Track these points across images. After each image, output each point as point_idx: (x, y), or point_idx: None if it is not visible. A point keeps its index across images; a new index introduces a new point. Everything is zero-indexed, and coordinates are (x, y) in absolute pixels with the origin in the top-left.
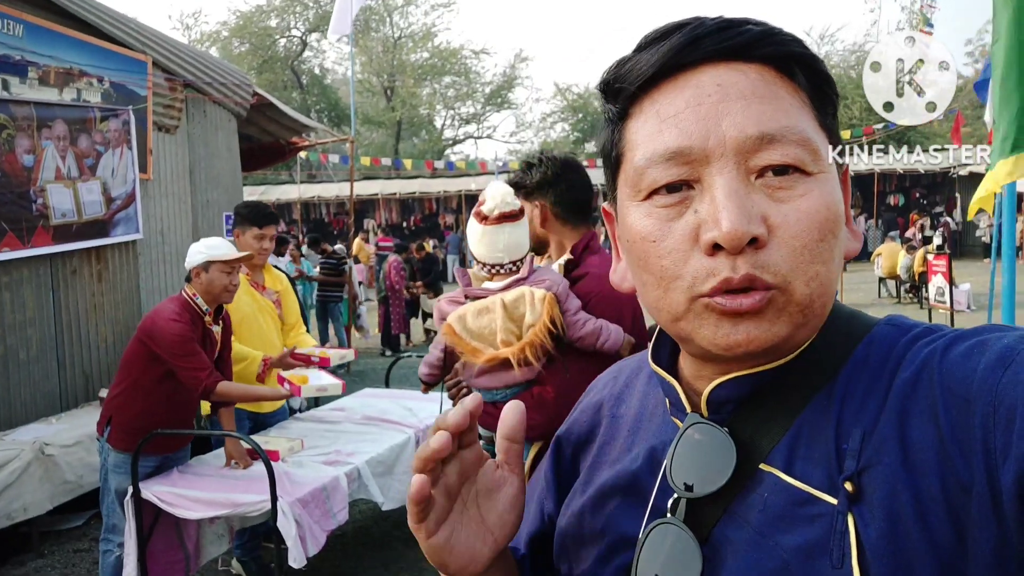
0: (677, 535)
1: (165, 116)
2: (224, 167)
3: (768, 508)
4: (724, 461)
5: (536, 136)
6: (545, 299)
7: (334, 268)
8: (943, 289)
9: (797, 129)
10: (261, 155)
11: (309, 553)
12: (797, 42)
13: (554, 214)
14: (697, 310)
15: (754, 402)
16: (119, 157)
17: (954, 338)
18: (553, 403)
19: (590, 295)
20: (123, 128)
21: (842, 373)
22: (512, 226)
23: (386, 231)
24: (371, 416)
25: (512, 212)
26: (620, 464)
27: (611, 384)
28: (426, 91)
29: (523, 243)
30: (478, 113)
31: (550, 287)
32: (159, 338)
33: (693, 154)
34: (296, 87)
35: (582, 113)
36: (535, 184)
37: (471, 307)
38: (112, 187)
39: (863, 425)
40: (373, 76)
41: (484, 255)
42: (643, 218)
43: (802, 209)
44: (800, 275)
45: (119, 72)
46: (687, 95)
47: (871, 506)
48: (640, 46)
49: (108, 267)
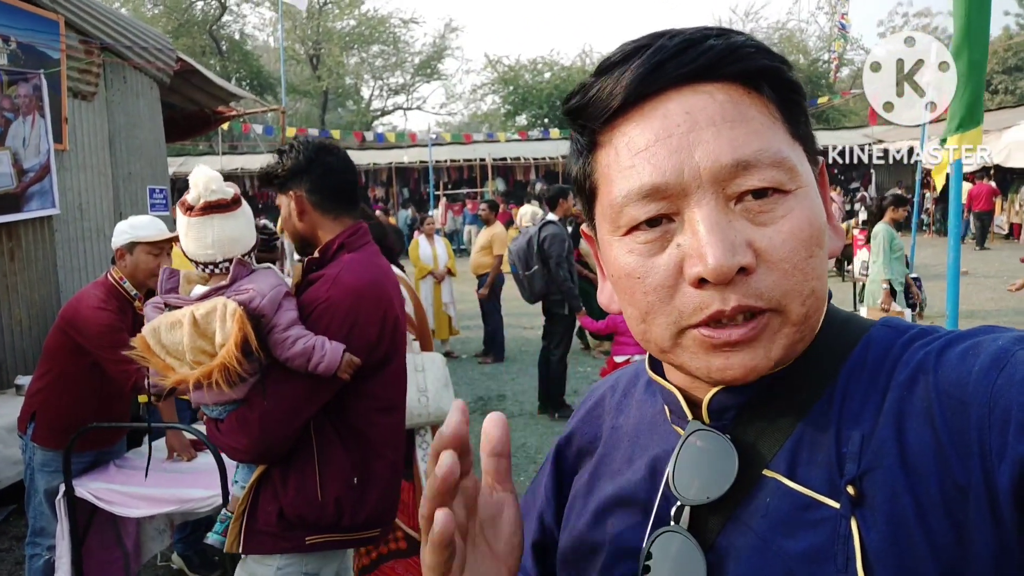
0: (681, 543)
1: (81, 82)
2: (147, 137)
3: (771, 514)
4: (727, 468)
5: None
6: (235, 315)
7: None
8: (867, 263)
9: (771, 150)
10: (185, 125)
11: None
12: (762, 53)
13: (312, 204)
14: (685, 343)
15: (755, 408)
16: (31, 126)
17: (949, 340)
18: (257, 425)
19: (315, 303)
20: (34, 94)
21: (841, 376)
22: (223, 218)
23: None
24: None
25: (221, 201)
26: (622, 476)
27: (609, 393)
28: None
29: (239, 238)
30: (407, 84)
31: (251, 298)
32: (83, 329)
33: (669, 189)
34: (215, 53)
35: (513, 86)
36: (287, 172)
37: (164, 319)
38: (24, 158)
39: (862, 428)
40: (297, 43)
41: (193, 252)
42: (625, 254)
43: (786, 230)
44: (795, 296)
45: (27, 32)
46: (656, 127)
47: (873, 510)
48: (601, 69)
49: (21, 244)
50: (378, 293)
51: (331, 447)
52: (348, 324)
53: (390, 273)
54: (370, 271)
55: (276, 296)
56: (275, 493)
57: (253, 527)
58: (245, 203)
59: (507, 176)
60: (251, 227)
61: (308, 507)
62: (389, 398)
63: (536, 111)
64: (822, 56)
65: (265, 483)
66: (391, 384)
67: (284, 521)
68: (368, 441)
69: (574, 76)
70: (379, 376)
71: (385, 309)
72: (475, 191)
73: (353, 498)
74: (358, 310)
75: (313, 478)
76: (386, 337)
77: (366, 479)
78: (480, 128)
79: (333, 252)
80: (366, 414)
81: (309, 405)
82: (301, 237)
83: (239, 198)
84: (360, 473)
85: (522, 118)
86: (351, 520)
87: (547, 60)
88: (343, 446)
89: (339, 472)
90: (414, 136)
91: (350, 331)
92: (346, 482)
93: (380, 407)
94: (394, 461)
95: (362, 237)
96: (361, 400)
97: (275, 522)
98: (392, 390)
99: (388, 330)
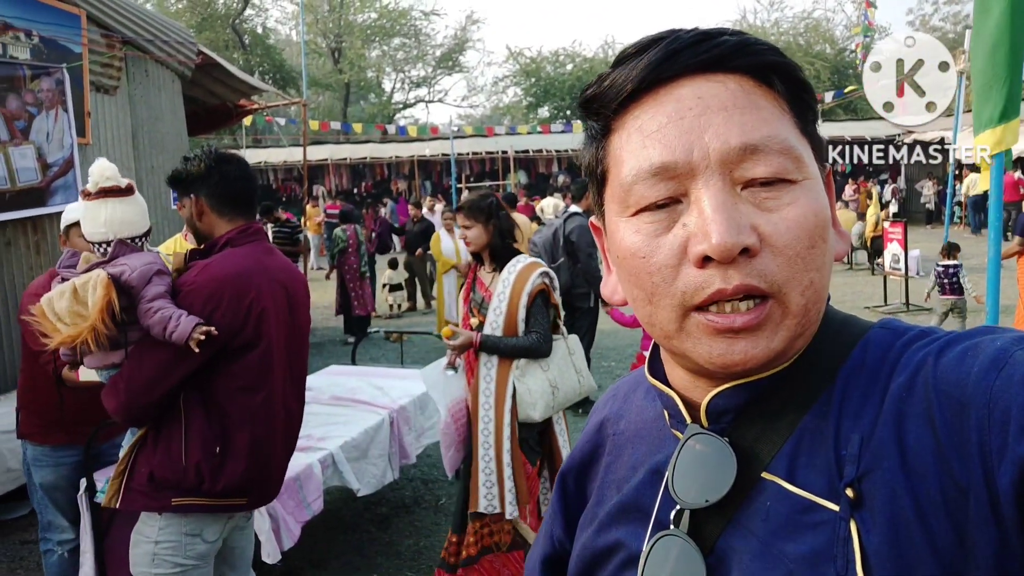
0: (681, 547)
1: (103, 76)
2: (169, 130)
3: (771, 517)
4: (726, 471)
5: (488, 100)
6: (103, 282)
7: (288, 237)
8: (899, 256)
9: (779, 138)
10: (207, 118)
11: (284, 547)
12: (773, 51)
13: (210, 207)
14: (689, 328)
15: (754, 410)
16: (54, 120)
17: (948, 341)
18: (124, 389)
19: (183, 286)
20: (57, 88)
21: (839, 378)
22: (116, 201)
23: (336, 198)
24: (340, 396)
25: (114, 187)
26: (627, 483)
27: (610, 402)
28: (375, 53)
29: (129, 220)
30: (428, 76)
31: (122, 271)
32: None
33: (678, 168)
34: (238, 47)
35: (535, 78)
36: (190, 179)
37: (56, 290)
38: (48, 152)
39: (861, 430)
40: (319, 37)
41: (89, 232)
42: (632, 234)
43: (790, 218)
44: (795, 284)
45: (50, 26)
46: (668, 109)
47: (872, 512)
48: (618, 61)
49: (47, 238)
50: (243, 284)
51: (196, 418)
52: (209, 307)
53: (275, 270)
54: (243, 264)
55: (147, 272)
56: (148, 456)
57: (129, 485)
58: (139, 195)
59: (529, 169)
60: (143, 216)
61: (172, 470)
62: (251, 380)
63: (558, 103)
64: (849, 45)
65: (142, 446)
66: (253, 368)
67: (153, 482)
68: (229, 416)
69: (596, 67)
70: (241, 359)
71: (251, 299)
72: (497, 184)
73: (213, 465)
74: (220, 296)
75: (179, 444)
76: (249, 325)
77: (226, 450)
78: (502, 120)
79: (220, 247)
80: (229, 392)
81: (169, 376)
82: (201, 236)
83: (132, 188)
84: (221, 444)
85: (544, 110)
86: (211, 485)
87: (569, 52)
88: (207, 418)
89: (202, 442)
90: (435, 129)
91: (211, 314)
92: (207, 451)
93: (241, 386)
94: (258, 437)
95: (250, 236)
96: (224, 379)
97: (146, 482)
98: (254, 373)
99: (252, 319)
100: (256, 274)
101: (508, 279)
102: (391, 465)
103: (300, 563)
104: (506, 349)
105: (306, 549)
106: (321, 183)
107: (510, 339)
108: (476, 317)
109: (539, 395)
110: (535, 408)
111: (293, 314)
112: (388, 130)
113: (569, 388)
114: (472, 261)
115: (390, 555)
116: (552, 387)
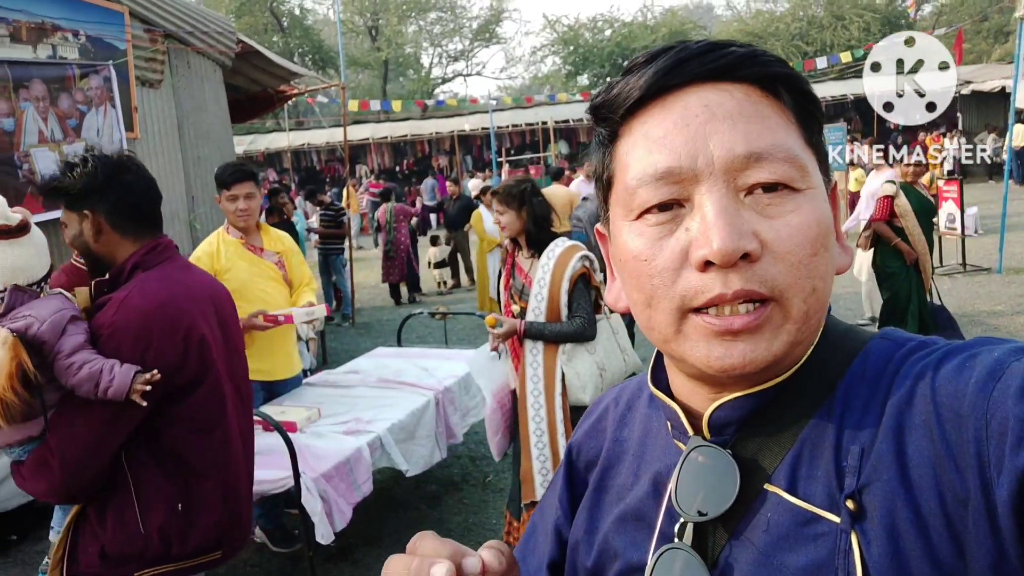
0: (686, 560)
1: (148, 70)
2: (213, 120)
3: (772, 529)
4: (728, 483)
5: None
6: (7, 343)
7: (333, 219)
8: (954, 216)
9: (784, 147)
10: (249, 106)
11: (336, 528)
12: (781, 63)
13: (111, 225)
14: (687, 331)
15: (755, 422)
16: (103, 116)
17: (947, 352)
18: (57, 464)
19: (101, 329)
20: (105, 85)
21: (840, 388)
22: (6, 244)
23: (379, 176)
24: (386, 378)
25: (2, 227)
26: (629, 492)
27: (613, 406)
28: (411, 28)
29: (22, 266)
30: (466, 50)
31: (28, 325)
32: None
33: (683, 174)
34: (277, 30)
35: (573, 46)
36: (80, 191)
37: None
38: (99, 148)
39: (861, 442)
40: (356, 15)
41: None
42: (635, 237)
43: (793, 224)
44: (798, 290)
45: (95, 25)
46: (675, 116)
47: (873, 524)
48: (628, 69)
49: None
50: (173, 313)
51: (148, 476)
52: (140, 348)
53: (198, 288)
54: (166, 289)
55: (59, 321)
56: (94, 532)
57: (76, 571)
58: (36, 230)
59: (570, 139)
60: (41, 256)
61: (130, 542)
62: (205, 419)
63: (598, 70)
64: None
65: (82, 523)
66: (205, 405)
67: (108, 560)
68: (188, 465)
69: (635, 32)
70: (191, 398)
71: (187, 329)
72: (537, 156)
73: (180, 525)
74: (150, 332)
75: (132, 510)
76: (191, 357)
77: (191, 504)
78: (541, 90)
79: (127, 273)
80: (183, 437)
81: (111, 436)
82: (97, 258)
83: (26, 225)
84: (184, 499)
85: (583, 78)
86: (180, 548)
87: (607, 17)
88: (163, 473)
89: (160, 501)
90: (475, 100)
91: (143, 355)
92: (169, 510)
93: (197, 428)
94: (225, 480)
95: (161, 253)
96: (174, 424)
97: (98, 563)
98: (207, 411)
99: (193, 349)
100: (182, 299)
101: (548, 264)
102: (438, 445)
103: (355, 540)
104: (551, 335)
105: (360, 527)
106: (364, 162)
107: (554, 325)
108: (517, 304)
109: (588, 378)
110: (585, 391)
111: (226, 332)
112: (427, 105)
113: (615, 368)
114: (508, 245)
115: (441, 532)
116: (600, 369)
